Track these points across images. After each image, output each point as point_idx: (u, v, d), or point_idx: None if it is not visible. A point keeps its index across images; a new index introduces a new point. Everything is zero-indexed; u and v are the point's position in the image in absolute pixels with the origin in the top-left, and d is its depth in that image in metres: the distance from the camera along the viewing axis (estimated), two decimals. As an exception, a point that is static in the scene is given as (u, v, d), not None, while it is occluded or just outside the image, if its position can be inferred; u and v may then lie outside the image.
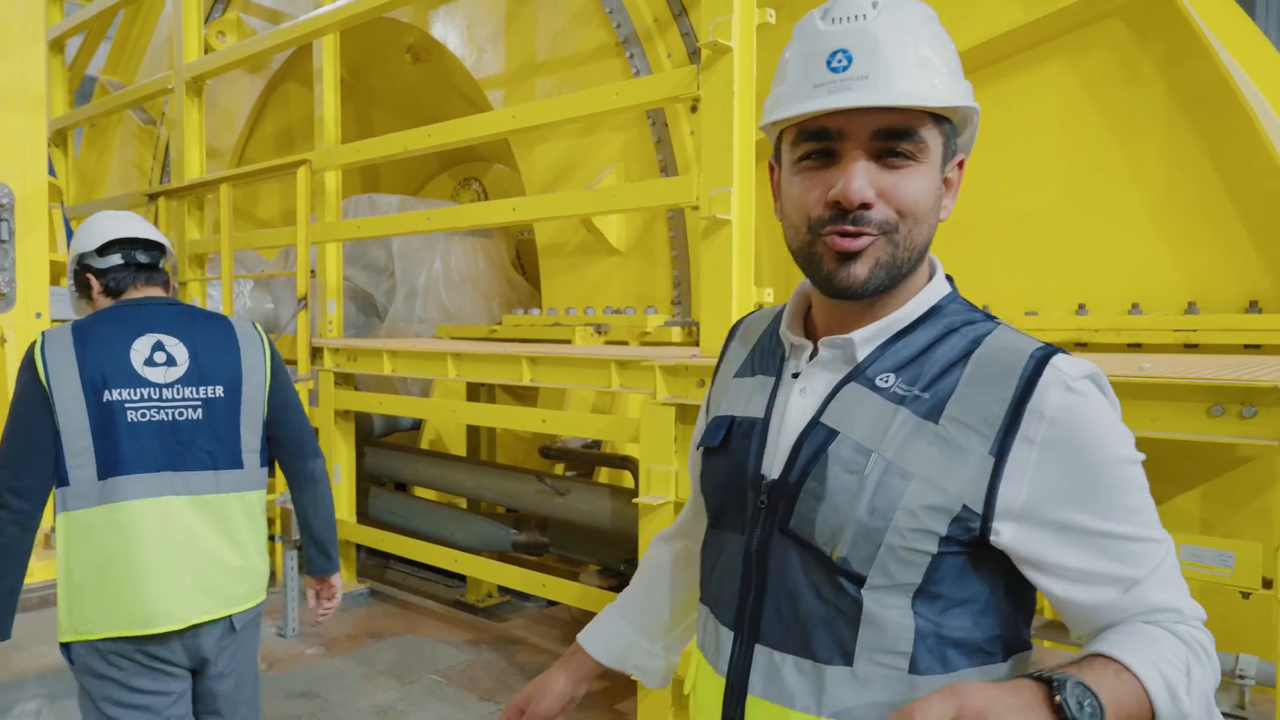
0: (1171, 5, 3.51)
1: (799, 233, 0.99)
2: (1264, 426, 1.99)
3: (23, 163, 3.61)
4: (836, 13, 0.95)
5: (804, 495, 0.98)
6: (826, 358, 1.03)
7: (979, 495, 0.91)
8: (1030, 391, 0.91)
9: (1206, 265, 3.56)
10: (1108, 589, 0.92)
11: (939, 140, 0.97)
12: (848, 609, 0.95)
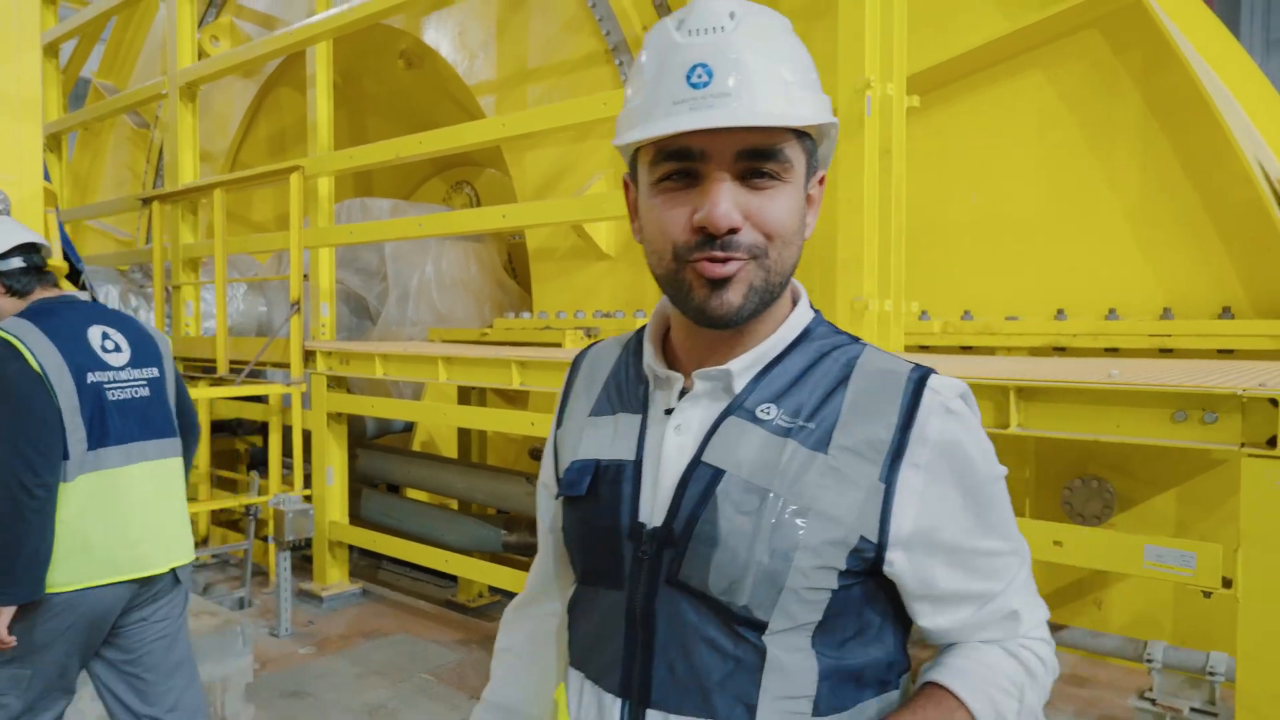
0: (1147, 18, 3.59)
1: (663, 259, 0.93)
2: (1224, 432, 2.06)
3: (19, 168, 3.65)
4: (693, 24, 0.89)
5: (695, 542, 0.91)
6: (701, 390, 0.96)
7: (873, 525, 0.90)
8: (913, 417, 0.90)
9: (1181, 272, 3.64)
10: (970, 606, 0.94)
11: (802, 158, 0.93)
12: (750, 659, 0.90)
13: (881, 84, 3.77)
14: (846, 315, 3.80)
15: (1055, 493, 3.88)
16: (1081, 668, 3.76)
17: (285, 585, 4.07)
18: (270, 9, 6.51)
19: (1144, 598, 3.78)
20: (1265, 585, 1.99)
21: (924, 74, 4.01)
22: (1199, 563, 2.10)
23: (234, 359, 4.91)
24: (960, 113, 4.09)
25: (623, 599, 0.95)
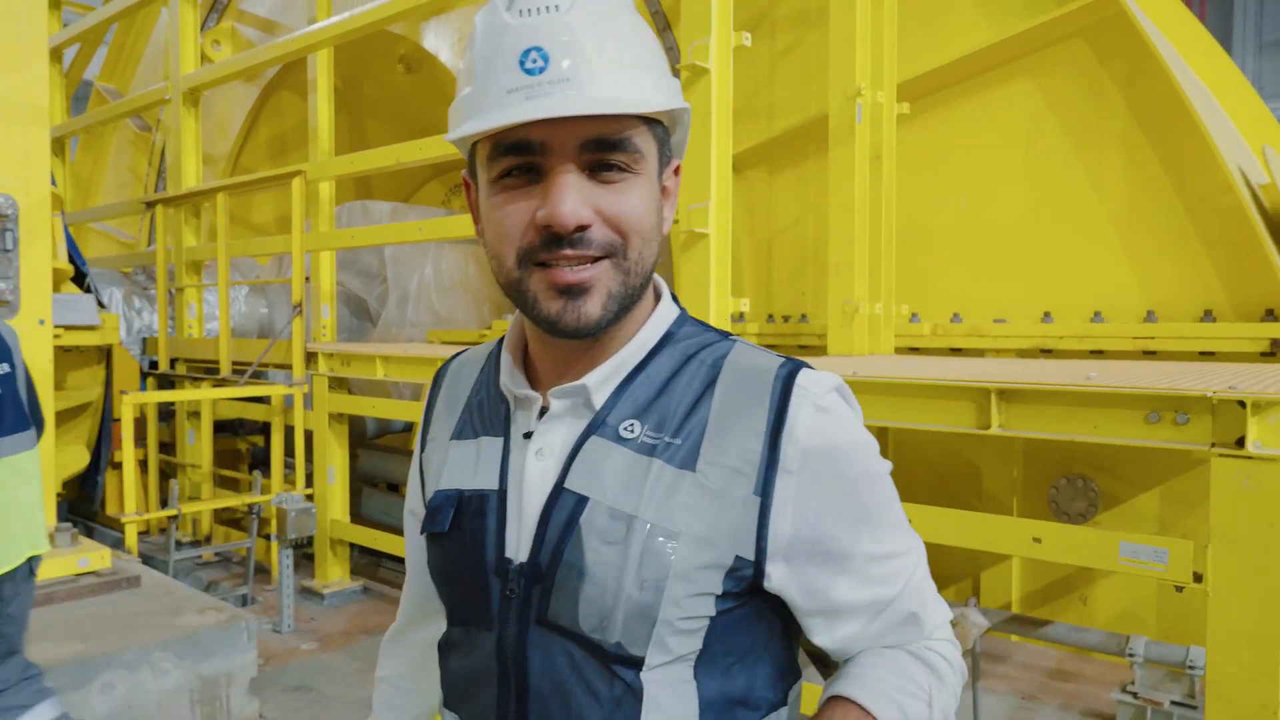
0: (1131, 28, 3.68)
1: (505, 265, 0.83)
2: (1196, 432, 2.14)
3: (26, 174, 3.72)
4: (524, 3, 0.79)
5: (561, 577, 0.83)
6: (560, 410, 0.87)
7: (749, 541, 0.82)
8: (783, 419, 0.83)
9: (1164, 276, 3.73)
10: (864, 615, 0.87)
11: (654, 147, 0.84)
12: (627, 700, 0.82)
13: (872, 91, 3.86)
14: (838, 318, 3.88)
15: (1042, 492, 3.96)
16: (1067, 663, 3.85)
17: (287, 582, 4.15)
18: (271, 14, 6.59)
19: (1128, 594, 3.86)
20: (1234, 580, 2.07)
21: (914, 81, 4.10)
22: (1171, 559, 2.17)
23: (236, 360, 4.98)
24: (949, 119, 4.18)
25: (492, 641, 0.87)
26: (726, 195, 3.19)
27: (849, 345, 3.84)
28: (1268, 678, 2.04)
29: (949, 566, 4.22)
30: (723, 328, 3.09)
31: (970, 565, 4.17)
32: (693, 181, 3.17)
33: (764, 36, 4.62)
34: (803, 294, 4.58)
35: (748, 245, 4.77)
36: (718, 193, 3.14)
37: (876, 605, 0.87)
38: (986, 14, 4.03)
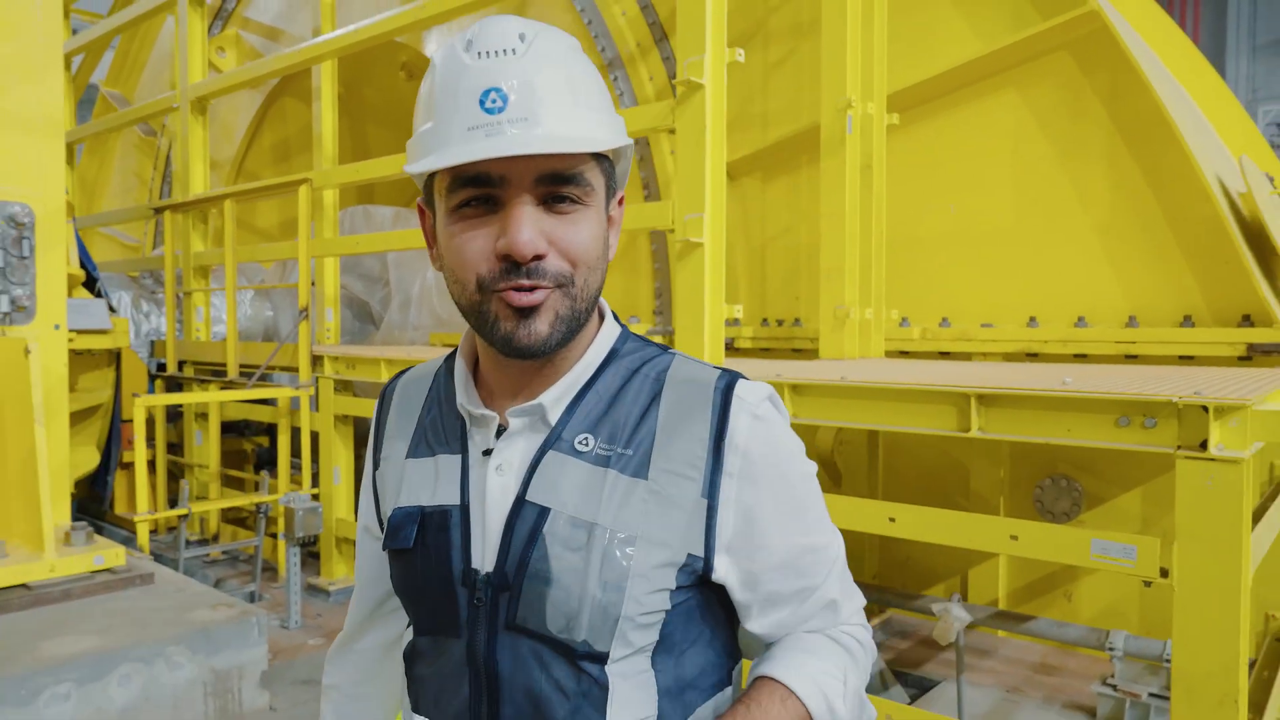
0: (1113, 42, 3.78)
1: (467, 290, 0.89)
2: (1162, 435, 2.25)
3: (42, 184, 3.83)
4: (483, 45, 0.85)
5: (528, 584, 0.89)
6: (518, 427, 0.94)
7: (699, 539, 0.91)
8: (724, 428, 0.91)
9: (1146, 283, 3.83)
10: (793, 602, 0.96)
11: (602, 180, 0.92)
12: (594, 693, 0.90)
13: (862, 103, 3.97)
14: (829, 322, 3.99)
15: (1027, 492, 4.08)
16: (1051, 658, 3.97)
17: (295, 579, 4.27)
18: (275, 21, 6.69)
19: (1111, 591, 3.98)
20: (1198, 575, 2.17)
21: (903, 93, 4.21)
22: (1139, 555, 2.29)
23: (243, 363, 5.09)
24: (938, 129, 4.28)
25: (462, 648, 0.93)
26: (721, 206, 3.30)
27: (840, 349, 3.95)
28: (1230, 669, 2.15)
29: (938, 564, 4.34)
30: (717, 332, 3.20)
31: (959, 563, 4.29)
32: (688, 192, 3.28)
33: (758, 47, 4.73)
34: (796, 299, 4.69)
35: (743, 251, 4.89)
36: (712, 203, 3.25)
37: (804, 593, 0.96)
38: (974, 28, 4.13)
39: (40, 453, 3.48)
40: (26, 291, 3.78)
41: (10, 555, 3.45)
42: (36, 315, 3.81)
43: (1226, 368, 3.41)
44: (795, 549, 0.95)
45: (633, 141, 0.94)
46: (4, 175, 3.72)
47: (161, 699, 3.10)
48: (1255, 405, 2.18)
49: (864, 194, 3.99)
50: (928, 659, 3.95)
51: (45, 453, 3.50)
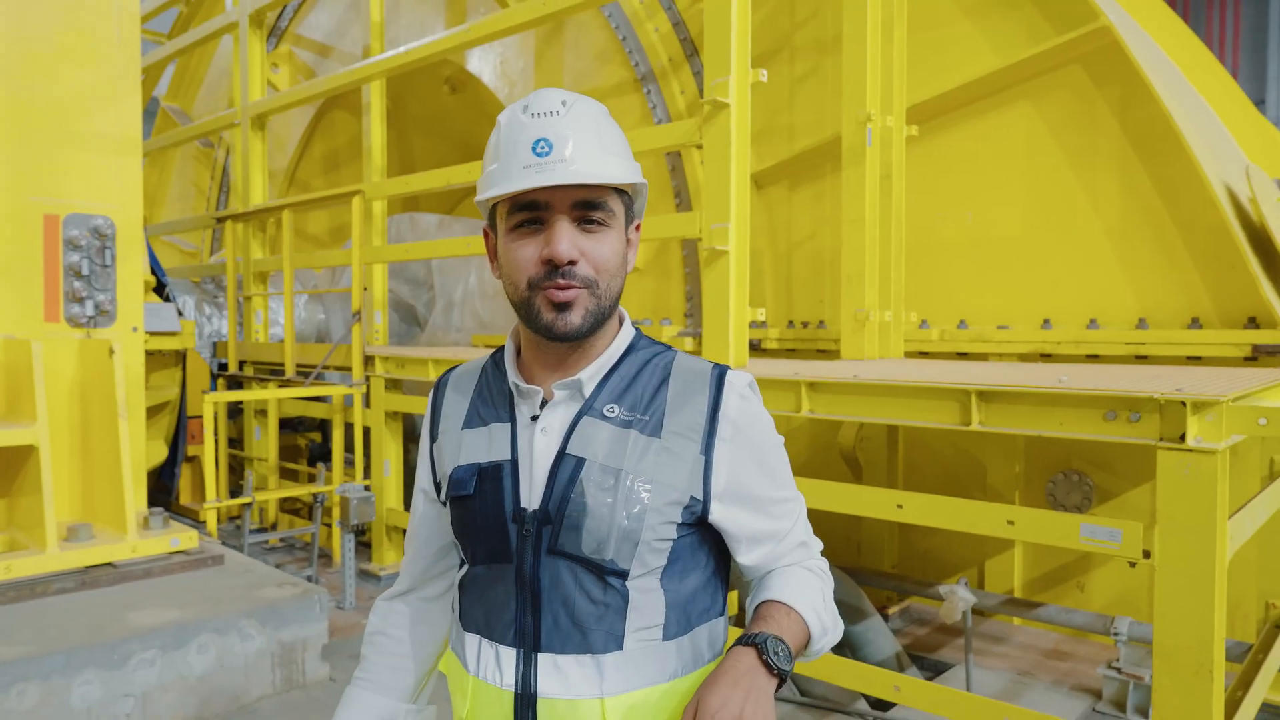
0: (1123, 56, 3.93)
1: (518, 289, 1.15)
2: (1146, 428, 2.44)
3: (122, 198, 4.19)
4: (535, 109, 1.14)
5: (568, 516, 1.13)
6: (560, 398, 1.19)
7: (699, 486, 1.17)
8: (719, 404, 1.19)
9: (1155, 286, 3.96)
10: (771, 542, 1.24)
11: (621, 209, 1.18)
12: (616, 602, 1.14)
13: (881, 116, 4.17)
14: (850, 324, 4.20)
15: (1040, 486, 4.25)
16: (1063, 644, 4.15)
17: (349, 563, 4.58)
18: (326, 38, 7.05)
19: (1122, 581, 4.13)
20: (1176, 556, 2.36)
21: (922, 105, 4.39)
22: (1124, 538, 2.48)
23: (299, 363, 5.44)
24: (955, 140, 4.45)
25: (512, 570, 1.17)
26: (745, 216, 3.53)
27: (860, 350, 4.16)
28: (1205, 641, 2.32)
29: (956, 556, 4.53)
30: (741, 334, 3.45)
31: (975, 555, 4.47)
32: (714, 203, 3.51)
33: (784, 62, 4.95)
34: (820, 302, 4.90)
35: (769, 256, 5.11)
36: (736, 214, 3.48)
37: (778, 534, 1.24)
38: (989, 43, 4.30)
39: (123, 444, 3.83)
40: (109, 297, 4.13)
41: (97, 537, 3.80)
42: (117, 318, 4.16)
43: (1232, 368, 3.53)
44: (769, 499, 1.23)
45: (646, 182, 1.22)
46: (89, 191, 4.09)
47: (234, 666, 3.42)
48: (1230, 401, 2.36)
49: (884, 202, 4.19)
50: (944, 644, 4.15)
51: (128, 444, 3.85)
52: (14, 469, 3.76)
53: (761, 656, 1.08)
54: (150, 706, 3.19)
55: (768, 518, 1.23)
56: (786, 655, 1.11)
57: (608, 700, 1.13)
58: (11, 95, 3.83)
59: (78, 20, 4.01)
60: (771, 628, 1.14)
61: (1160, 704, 2.41)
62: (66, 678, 3.01)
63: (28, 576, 3.49)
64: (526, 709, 1.14)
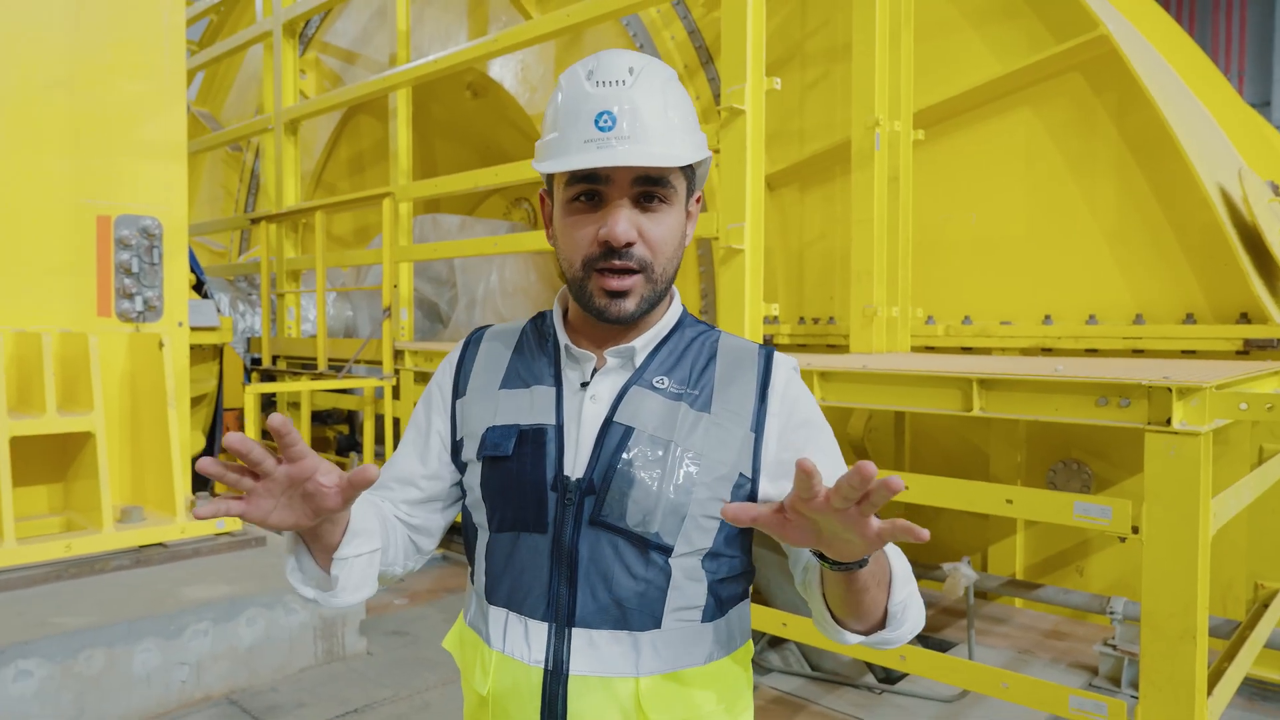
0: (1121, 64, 4.12)
1: (573, 266, 1.11)
2: (1135, 413, 2.63)
3: (169, 201, 4.43)
4: (600, 75, 1.07)
5: (615, 485, 1.08)
6: (612, 365, 1.15)
7: (748, 463, 1.12)
8: (768, 379, 1.16)
9: (1151, 283, 4.14)
10: None
11: (684, 184, 1.13)
12: (658, 579, 1.09)
13: (889, 121, 4.37)
14: (859, 320, 4.40)
15: (1042, 474, 4.45)
16: (1063, 625, 4.35)
17: (381, 548, 4.80)
18: (352, 45, 7.29)
19: (1119, 564, 4.32)
20: (1162, 531, 2.54)
21: (928, 110, 4.58)
22: (1114, 514, 2.67)
23: (331, 357, 5.67)
24: (960, 144, 4.64)
25: (546, 541, 1.10)
26: (759, 216, 3.73)
27: (869, 345, 4.36)
28: (1189, 609, 2.51)
29: (959, 541, 4.72)
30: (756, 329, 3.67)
31: (979, 540, 4.67)
32: (730, 204, 3.72)
33: (796, 69, 5.16)
34: (830, 298, 5.10)
35: (781, 255, 5.31)
36: (751, 214, 3.68)
37: None
38: (993, 51, 4.49)
39: (173, 432, 4.07)
40: (156, 294, 4.37)
41: (148, 519, 4.04)
42: (164, 314, 4.40)
43: (1224, 361, 3.73)
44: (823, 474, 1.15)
45: (711, 154, 1.16)
46: (138, 194, 4.33)
47: (280, 639, 3.64)
48: (1214, 388, 2.56)
49: (891, 203, 4.38)
50: (947, 625, 4.35)
51: (177, 432, 4.09)
52: (71, 454, 4.00)
53: None
54: (203, 675, 3.42)
55: None
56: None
57: (642, 680, 1.09)
58: (70, 105, 4.07)
59: (130, 34, 4.25)
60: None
61: (1148, 669, 2.59)
62: (129, 645, 3.24)
63: (87, 554, 3.72)
64: (557, 686, 1.09)
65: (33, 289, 4.00)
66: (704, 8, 5.36)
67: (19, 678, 2.97)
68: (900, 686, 3.59)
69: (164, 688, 3.30)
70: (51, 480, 4.06)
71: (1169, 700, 2.54)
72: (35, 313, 4.00)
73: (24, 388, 3.86)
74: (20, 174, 3.95)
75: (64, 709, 3.06)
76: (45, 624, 3.15)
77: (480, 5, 6.38)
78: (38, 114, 3.99)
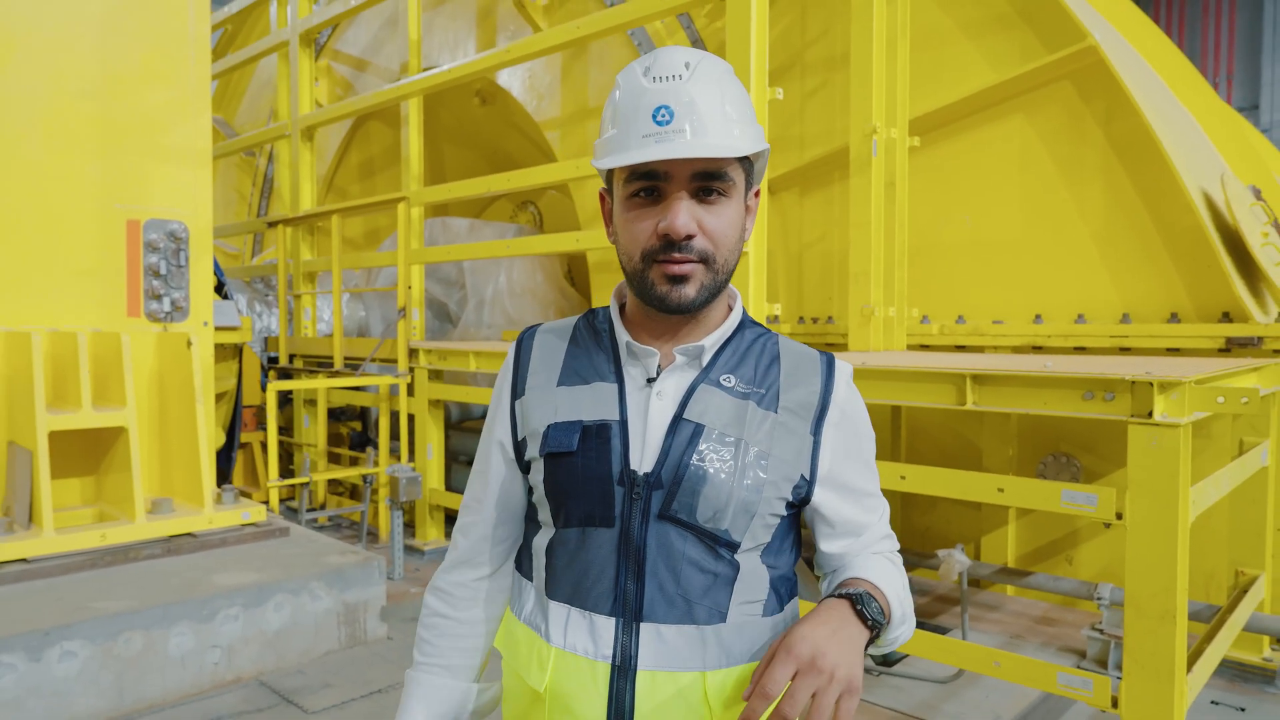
0: (1109, 74, 4.29)
1: (633, 259, 1.11)
2: (1119, 406, 2.79)
3: (194, 205, 4.60)
4: (657, 71, 1.08)
5: (686, 481, 1.09)
6: (680, 363, 1.15)
7: (807, 466, 1.14)
8: (830, 388, 1.17)
9: (1137, 284, 4.30)
10: (857, 534, 1.21)
11: (742, 176, 1.12)
12: (725, 574, 1.11)
13: (886, 129, 4.54)
14: (857, 319, 4.57)
15: (1033, 467, 4.62)
16: (1053, 612, 4.52)
17: (398, 537, 4.97)
18: (363, 54, 7.46)
19: (1106, 554, 4.49)
20: (1145, 517, 2.69)
21: (924, 117, 4.75)
22: (1099, 501, 2.83)
23: (347, 355, 5.84)
24: (955, 150, 4.80)
25: (614, 535, 1.10)
26: (762, 221, 3.92)
27: (866, 343, 4.52)
28: (1169, 589, 2.67)
29: (953, 532, 4.89)
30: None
31: (972, 531, 4.84)
32: (735, 209, 3.90)
33: (796, 77, 5.33)
34: (829, 299, 5.27)
35: (782, 257, 5.49)
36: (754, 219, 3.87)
37: (866, 527, 1.23)
38: (986, 60, 4.65)
39: (200, 427, 4.24)
40: (183, 295, 4.54)
41: (177, 510, 4.21)
42: (190, 314, 4.57)
43: (1206, 358, 3.89)
44: (863, 492, 1.22)
45: (768, 146, 1.15)
46: (166, 199, 4.50)
47: (306, 623, 3.81)
48: (1193, 383, 2.73)
49: (888, 208, 4.55)
50: (942, 612, 4.52)
51: (204, 427, 4.26)
52: (103, 448, 4.17)
53: (855, 606, 1.06)
54: (234, 657, 3.59)
55: (860, 509, 1.22)
56: (879, 610, 1.08)
57: (709, 674, 1.10)
58: (101, 113, 4.24)
59: (157, 45, 4.42)
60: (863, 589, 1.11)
61: (1131, 647, 2.75)
62: (165, 628, 3.41)
63: (121, 544, 3.89)
64: (624, 681, 1.09)
65: (66, 290, 4.17)
66: (707, 18, 5.54)
67: (63, 658, 3.14)
68: (898, 669, 3.76)
69: (198, 669, 3.47)
70: (84, 474, 4.23)
71: (1150, 676, 2.70)
72: (68, 313, 4.17)
73: (58, 384, 4.03)
74: (55, 180, 4.12)
75: (105, 688, 3.23)
76: (86, 608, 3.32)
77: (488, 15, 6.55)
78: (70, 122, 4.17)
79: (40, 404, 3.76)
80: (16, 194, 4.03)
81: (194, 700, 3.38)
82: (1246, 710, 3.46)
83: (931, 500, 4.98)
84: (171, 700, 3.36)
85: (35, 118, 4.07)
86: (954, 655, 3.21)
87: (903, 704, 3.46)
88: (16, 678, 3.02)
